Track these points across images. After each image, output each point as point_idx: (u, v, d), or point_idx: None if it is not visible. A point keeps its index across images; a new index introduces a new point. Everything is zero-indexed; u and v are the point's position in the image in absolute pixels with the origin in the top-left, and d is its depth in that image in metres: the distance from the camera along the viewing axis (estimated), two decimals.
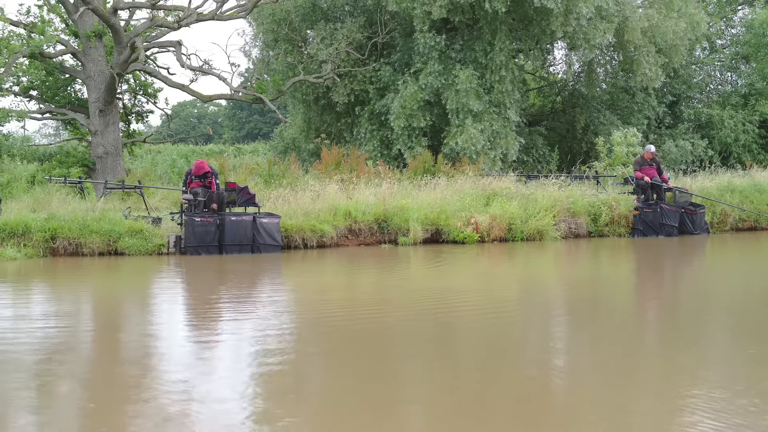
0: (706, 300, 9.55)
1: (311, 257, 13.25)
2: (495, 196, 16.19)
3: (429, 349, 6.82)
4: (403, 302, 9.15)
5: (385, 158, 21.74)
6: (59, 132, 32.28)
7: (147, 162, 28.10)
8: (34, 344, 6.94)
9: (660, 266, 13.23)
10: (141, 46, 18.34)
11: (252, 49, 27.29)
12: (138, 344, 7.11)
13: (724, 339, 7.35)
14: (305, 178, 17.88)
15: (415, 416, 5.05)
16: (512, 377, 5.87)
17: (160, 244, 13.37)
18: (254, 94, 21.73)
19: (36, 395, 5.48)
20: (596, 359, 6.46)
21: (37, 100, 21.65)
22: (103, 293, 10.13)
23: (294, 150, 25.83)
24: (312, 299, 9.41)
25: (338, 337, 7.21)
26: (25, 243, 12.83)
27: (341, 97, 23.28)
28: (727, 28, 30.15)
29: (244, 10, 21.03)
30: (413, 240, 14.66)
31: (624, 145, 20.81)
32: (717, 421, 4.73)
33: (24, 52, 18.53)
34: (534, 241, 15.30)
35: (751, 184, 18.86)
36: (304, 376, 5.99)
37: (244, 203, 14.33)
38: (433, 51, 21.53)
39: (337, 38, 23.02)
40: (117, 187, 16.63)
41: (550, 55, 27.91)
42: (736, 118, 26.60)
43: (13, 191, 16.79)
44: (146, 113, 24.00)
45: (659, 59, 23.16)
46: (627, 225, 16.64)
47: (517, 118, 22.27)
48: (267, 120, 55.60)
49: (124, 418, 4.91)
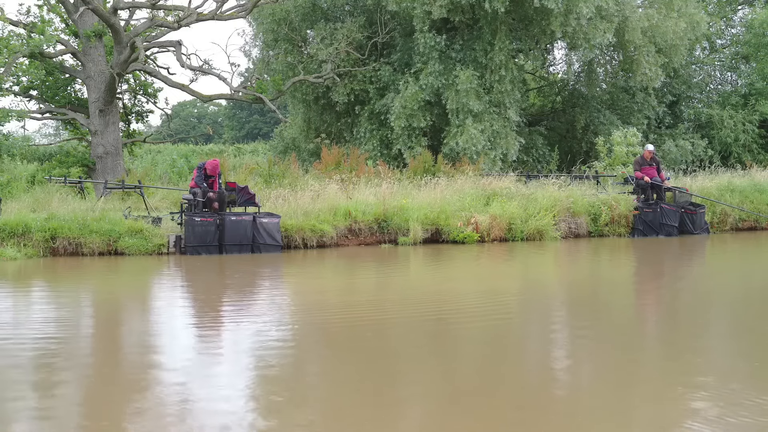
0: (706, 300, 9.54)
1: (311, 257, 13.25)
2: (495, 196, 16.19)
3: (429, 349, 6.82)
4: (403, 302, 9.14)
5: (385, 158, 21.73)
6: (59, 132, 32.28)
7: (147, 162, 28.08)
8: (34, 345, 6.93)
9: (660, 266, 13.23)
10: (141, 46, 18.33)
11: (252, 49, 27.33)
12: (138, 344, 7.11)
13: (725, 340, 7.35)
14: (305, 178, 17.87)
15: (416, 416, 5.05)
16: (512, 378, 5.87)
17: (160, 244, 13.37)
18: (254, 94, 21.72)
19: (36, 395, 5.47)
20: (596, 360, 6.46)
21: (37, 100, 21.63)
22: (103, 293, 10.12)
23: (294, 150, 25.82)
24: (312, 299, 9.41)
25: (338, 338, 7.21)
26: (25, 243, 12.82)
27: (341, 96, 23.27)
28: (727, 28, 30.13)
29: (244, 10, 21.03)
30: (413, 240, 14.66)
31: (624, 144, 20.80)
32: (717, 421, 4.73)
33: (24, 52, 18.51)
34: (534, 240, 15.29)
35: (751, 184, 18.84)
36: (304, 377, 5.99)
37: (244, 203, 14.32)
38: (434, 51, 21.53)
39: (337, 38, 23.02)
40: (117, 187, 16.62)
41: (550, 55, 27.94)
42: (736, 118, 26.59)
43: (13, 191, 16.77)
44: (146, 113, 23.99)
45: (659, 59, 23.16)
46: (627, 225, 16.63)
47: (517, 118, 22.27)
48: (267, 120, 55.58)
49: (124, 418, 4.91)
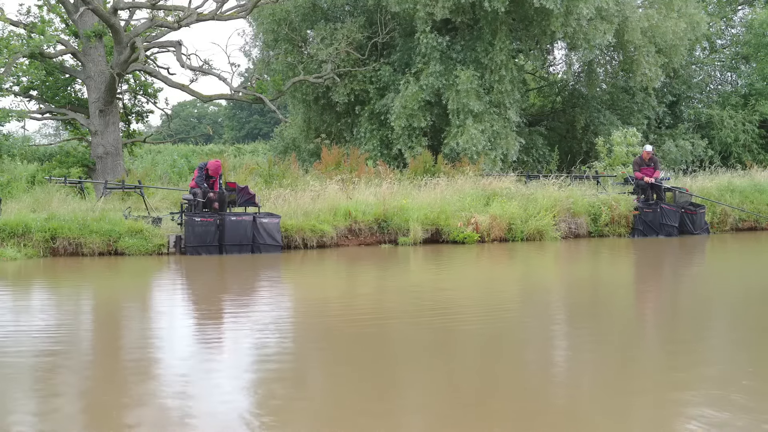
0: (706, 301, 9.54)
1: (311, 257, 13.25)
2: (495, 196, 16.19)
3: (429, 350, 6.81)
4: (403, 302, 9.14)
5: (385, 158, 21.73)
6: (59, 132, 32.23)
7: (147, 162, 28.08)
8: (35, 345, 6.93)
9: (660, 266, 13.23)
10: (141, 46, 18.32)
11: (252, 49, 27.33)
12: (138, 345, 7.11)
13: (725, 340, 7.35)
14: (305, 178, 17.86)
15: (416, 416, 5.05)
16: (512, 378, 5.87)
17: (160, 244, 13.37)
18: (254, 94, 21.72)
19: (36, 395, 5.47)
20: (596, 361, 6.46)
21: (37, 100, 21.62)
22: (103, 293, 10.12)
23: (294, 150, 25.82)
24: (312, 300, 9.41)
25: (338, 338, 7.21)
26: (25, 243, 12.82)
27: (341, 97, 23.26)
28: (727, 28, 30.12)
29: (244, 10, 21.02)
30: (413, 240, 14.66)
31: (624, 145, 20.79)
32: (718, 422, 4.73)
33: (24, 52, 18.50)
34: (534, 241, 15.30)
35: (751, 184, 18.85)
36: (304, 377, 5.99)
37: (244, 203, 14.32)
38: (435, 51, 21.52)
39: (337, 38, 23.01)
40: (117, 187, 16.62)
41: (550, 55, 27.91)
42: (736, 118, 26.59)
43: (13, 191, 16.76)
44: (146, 113, 23.98)
45: (659, 59, 23.16)
46: (627, 225, 16.64)
47: (517, 118, 22.26)
48: (267, 120, 55.57)
49: (125, 418, 4.91)
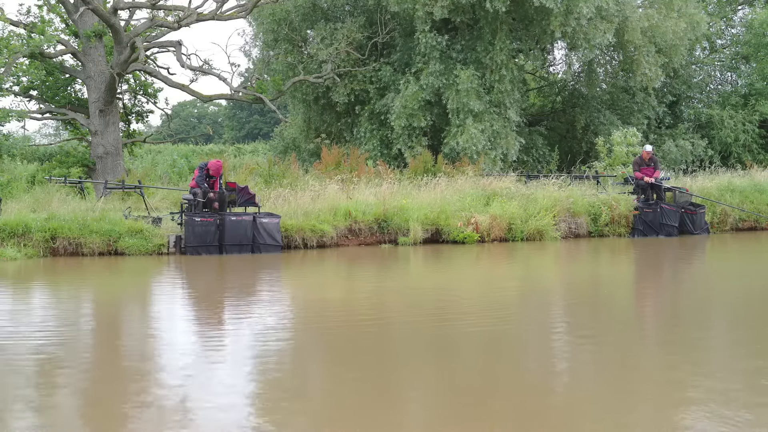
0: (706, 301, 9.54)
1: (311, 257, 13.25)
2: (495, 196, 16.18)
3: (429, 350, 6.81)
4: (403, 303, 9.14)
5: (385, 158, 21.72)
6: (59, 132, 32.25)
7: (147, 162, 28.07)
8: (35, 345, 6.93)
9: (660, 266, 13.23)
10: (141, 46, 18.32)
11: (252, 49, 27.31)
12: (138, 345, 7.11)
13: (725, 340, 7.35)
14: (305, 178, 17.86)
15: (415, 417, 5.05)
16: (513, 378, 5.87)
17: (160, 244, 13.37)
18: (254, 94, 21.71)
19: (36, 396, 5.47)
20: (596, 361, 6.46)
21: (37, 100, 21.62)
22: (103, 293, 10.12)
23: (294, 150, 25.81)
24: (312, 300, 9.41)
25: (338, 338, 7.21)
26: (25, 243, 12.82)
27: (341, 96, 23.26)
28: (727, 28, 30.12)
29: (244, 10, 21.02)
30: (413, 240, 14.65)
31: (624, 145, 20.79)
32: (718, 423, 4.73)
33: (24, 52, 18.50)
34: (534, 241, 15.29)
35: (751, 184, 18.84)
36: (304, 377, 5.99)
37: (244, 203, 14.32)
38: (434, 51, 21.52)
39: (337, 38, 23.00)
40: (117, 187, 16.62)
41: (550, 55, 27.91)
42: (736, 118, 26.58)
43: (13, 191, 16.76)
44: (146, 113, 23.98)
45: (659, 59, 23.15)
46: (627, 225, 16.63)
47: (517, 118, 22.26)
48: (267, 120, 55.56)
49: (125, 419, 4.91)
